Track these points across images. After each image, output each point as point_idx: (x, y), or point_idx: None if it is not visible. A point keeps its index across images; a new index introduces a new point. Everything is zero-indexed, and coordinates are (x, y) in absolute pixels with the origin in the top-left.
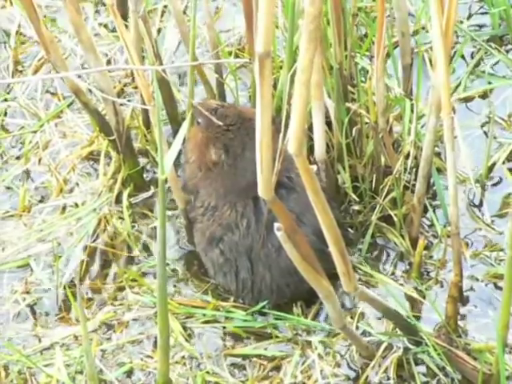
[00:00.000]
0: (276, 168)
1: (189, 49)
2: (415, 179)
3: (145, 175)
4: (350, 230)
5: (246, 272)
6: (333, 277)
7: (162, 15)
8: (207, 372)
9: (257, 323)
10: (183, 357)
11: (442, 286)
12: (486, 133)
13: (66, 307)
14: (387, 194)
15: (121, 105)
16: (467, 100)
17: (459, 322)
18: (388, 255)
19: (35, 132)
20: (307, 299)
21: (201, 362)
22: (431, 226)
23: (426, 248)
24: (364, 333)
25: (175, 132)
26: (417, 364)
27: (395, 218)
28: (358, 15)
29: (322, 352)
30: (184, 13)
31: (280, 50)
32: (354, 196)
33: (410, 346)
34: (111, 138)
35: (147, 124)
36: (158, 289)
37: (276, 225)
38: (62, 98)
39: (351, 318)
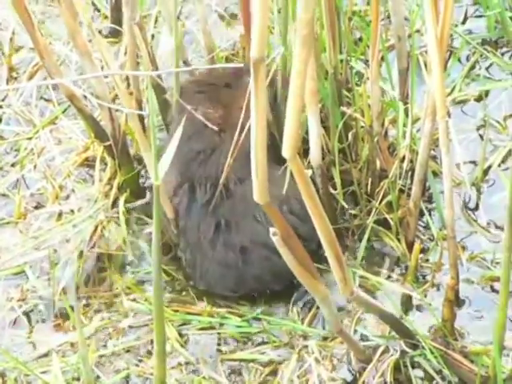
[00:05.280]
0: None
1: (180, 55)
2: (411, 183)
3: (141, 181)
4: (346, 233)
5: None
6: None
7: (155, 21)
8: (204, 377)
9: (252, 329)
10: (179, 363)
11: (438, 289)
12: (481, 136)
13: (62, 314)
14: (383, 197)
15: (116, 110)
16: (462, 103)
17: (456, 325)
18: (384, 259)
19: (30, 139)
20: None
21: (197, 367)
22: (427, 229)
23: (422, 251)
24: (361, 336)
25: None
26: (414, 367)
27: (391, 222)
28: (351, 19)
29: (318, 356)
30: (178, 18)
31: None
32: (343, 203)
33: (407, 350)
34: (106, 143)
35: (143, 130)
36: (154, 296)
37: (271, 230)
38: (56, 105)
39: (349, 321)
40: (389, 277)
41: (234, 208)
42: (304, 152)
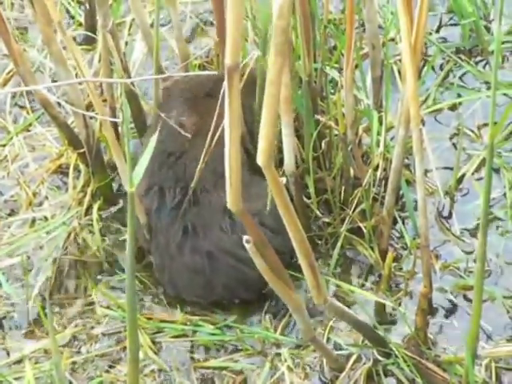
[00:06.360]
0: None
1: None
2: (384, 191)
3: (114, 188)
4: (319, 241)
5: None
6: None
7: (130, 28)
8: None
9: (225, 337)
10: (153, 370)
11: (411, 298)
12: (454, 144)
13: (35, 321)
14: (356, 206)
15: (90, 118)
16: (436, 112)
17: (429, 334)
18: (357, 267)
19: (4, 145)
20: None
21: (170, 374)
22: (401, 237)
23: (396, 260)
24: (334, 344)
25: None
26: (386, 376)
27: (364, 230)
28: (326, 27)
29: (291, 364)
30: (151, 26)
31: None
32: (317, 212)
33: (380, 358)
34: (80, 151)
35: (117, 137)
36: (127, 303)
37: (245, 237)
38: (30, 112)
39: (322, 329)
40: (362, 285)
41: (201, 215)
42: (279, 161)
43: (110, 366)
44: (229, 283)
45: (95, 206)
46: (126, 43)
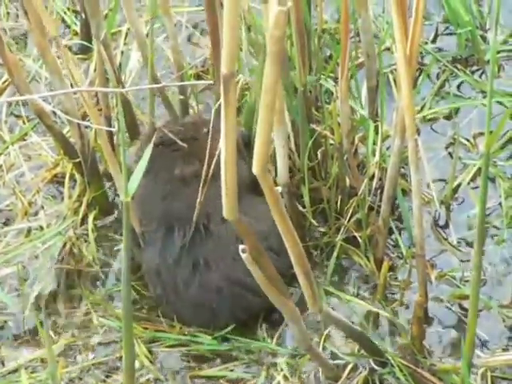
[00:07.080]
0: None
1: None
2: (380, 200)
3: (110, 197)
4: (314, 251)
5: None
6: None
7: (125, 37)
8: None
9: (221, 346)
10: (148, 379)
11: (407, 307)
12: (450, 154)
13: (31, 330)
14: (352, 215)
15: (86, 127)
16: (432, 121)
17: (424, 343)
18: (353, 276)
19: (0, 155)
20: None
21: None
22: (396, 247)
23: (391, 269)
24: (331, 354)
25: None
26: None
27: (360, 240)
28: (321, 37)
29: (287, 373)
30: (147, 35)
31: (245, 72)
32: (313, 221)
33: (376, 367)
34: (76, 160)
35: (111, 146)
36: (123, 313)
37: (241, 247)
38: (26, 121)
39: (318, 338)
40: (358, 294)
41: (213, 248)
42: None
43: (107, 376)
44: (234, 312)
45: (91, 216)
46: (122, 52)
